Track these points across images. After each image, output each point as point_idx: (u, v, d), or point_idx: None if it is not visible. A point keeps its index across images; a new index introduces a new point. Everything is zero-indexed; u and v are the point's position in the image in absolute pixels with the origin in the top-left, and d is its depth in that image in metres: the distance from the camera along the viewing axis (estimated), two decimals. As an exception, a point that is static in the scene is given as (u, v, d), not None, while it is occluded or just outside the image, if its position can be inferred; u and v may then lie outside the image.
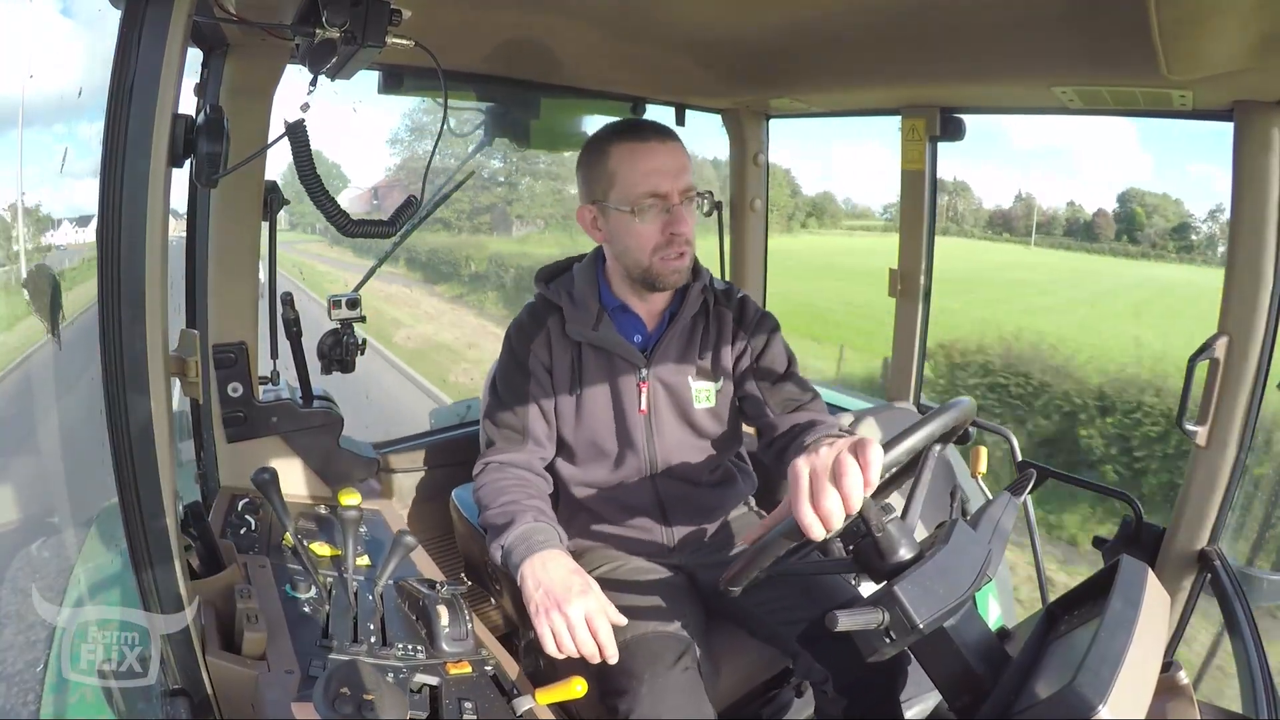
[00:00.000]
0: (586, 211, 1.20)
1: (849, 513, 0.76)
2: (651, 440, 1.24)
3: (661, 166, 1.12)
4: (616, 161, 1.14)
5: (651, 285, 1.19)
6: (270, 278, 1.39)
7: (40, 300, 0.88)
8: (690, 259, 1.18)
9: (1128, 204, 18.12)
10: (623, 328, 1.24)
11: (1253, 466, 1.32)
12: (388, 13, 0.79)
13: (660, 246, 1.14)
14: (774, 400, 1.22)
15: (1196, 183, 43.95)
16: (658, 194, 1.12)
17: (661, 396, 1.23)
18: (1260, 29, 0.87)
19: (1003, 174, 60.56)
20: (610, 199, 1.15)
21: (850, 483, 0.74)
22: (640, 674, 1.04)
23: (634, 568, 1.26)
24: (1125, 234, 16.73)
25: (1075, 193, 26.30)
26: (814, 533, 0.75)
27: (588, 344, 1.22)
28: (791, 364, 1.26)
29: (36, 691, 0.87)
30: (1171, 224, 14.75)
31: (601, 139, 1.18)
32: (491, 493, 1.15)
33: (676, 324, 1.23)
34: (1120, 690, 0.66)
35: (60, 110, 0.93)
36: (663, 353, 1.23)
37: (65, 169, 0.93)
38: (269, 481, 1.13)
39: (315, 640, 0.92)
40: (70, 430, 1.01)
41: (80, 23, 0.93)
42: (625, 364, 1.22)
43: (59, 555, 1.08)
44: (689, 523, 1.29)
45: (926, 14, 1.07)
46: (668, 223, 1.13)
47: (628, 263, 1.19)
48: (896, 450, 0.84)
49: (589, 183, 1.19)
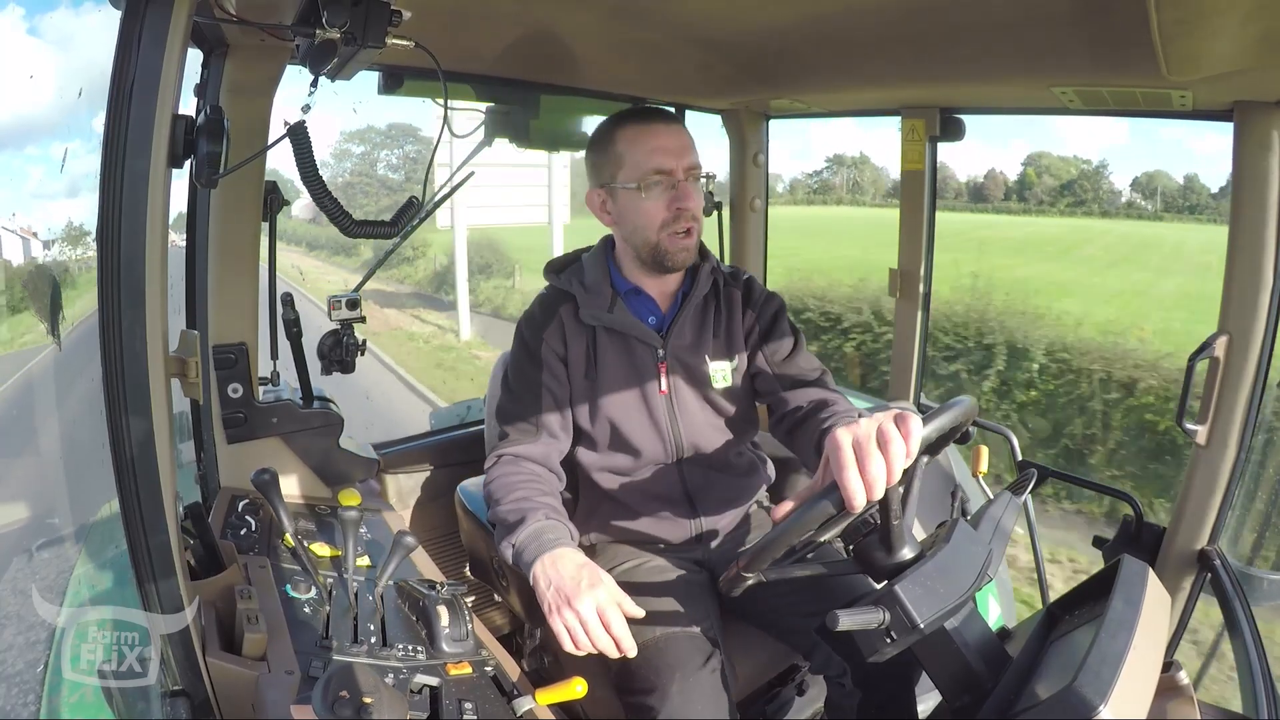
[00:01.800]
0: (596, 195, 1.23)
1: (891, 482, 0.76)
2: (675, 421, 1.24)
3: (666, 145, 1.16)
4: (624, 144, 1.17)
5: (661, 264, 1.20)
6: (270, 278, 1.39)
7: (40, 301, 0.89)
8: (697, 237, 1.20)
9: (1029, 167, 19.28)
10: (637, 310, 1.25)
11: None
12: (388, 13, 0.79)
13: (668, 223, 1.16)
14: (784, 376, 1.23)
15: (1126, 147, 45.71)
16: (663, 170, 1.15)
17: (681, 376, 1.24)
18: (1260, 29, 0.87)
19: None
20: (618, 179, 1.18)
21: (895, 450, 0.75)
22: (669, 675, 1.04)
23: (655, 566, 1.26)
24: (1015, 194, 17.61)
25: (997, 161, 27.58)
26: (857, 501, 0.75)
27: (603, 328, 1.22)
28: (799, 341, 1.27)
29: (37, 691, 0.87)
30: (1061, 182, 15.48)
31: (608, 125, 1.22)
32: (503, 487, 1.13)
33: (689, 304, 1.24)
34: (1121, 690, 0.66)
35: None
36: (679, 332, 1.24)
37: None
38: (269, 482, 1.13)
39: (315, 641, 0.92)
40: (71, 431, 1.01)
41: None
42: (642, 345, 1.23)
43: (59, 556, 1.08)
44: (715, 512, 1.29)
45: (926, 14, 1.07)
46: (674, 198, 1.15)
47: (637, 242, 1.20)
48: (932, 425, 0.83)
49: (597, 168, 1.22)
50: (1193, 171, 25.24)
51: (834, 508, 0.80)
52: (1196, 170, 25.78)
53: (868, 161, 36.55)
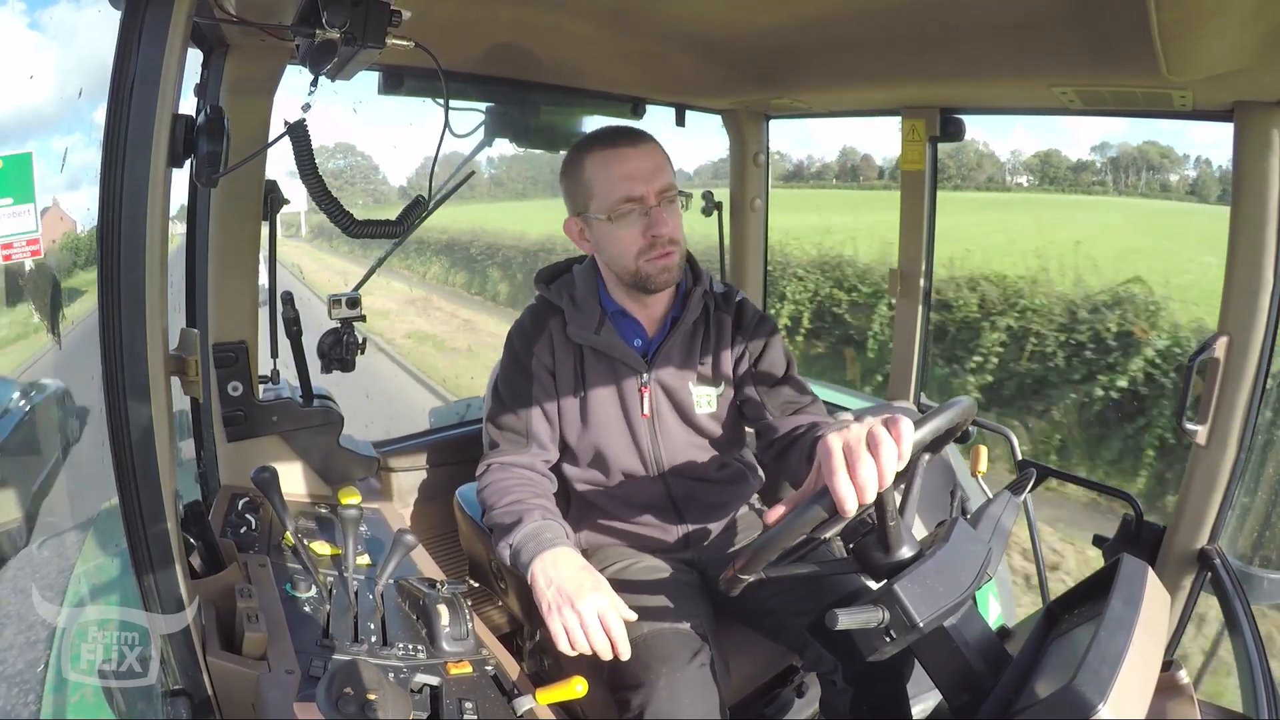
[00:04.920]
0: (573, 224, 1.21)
1: (882, 486, 0.75)
2: (656, 442, 1.24)
3: (633, 171, 1.12)
4: (591, 171, 1.15)
5: (644, 288, 1.18)
6: (270, 277, 1.39)
7: (40, 300, 0.89)
8: (679, 257, 1.18)
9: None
10: (624, 332, 1.24)
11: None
12: (387, 13, 0.79)
13: (644, 250, 1.14)
14: (773, 403, 1.23)
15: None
16: (632, 198, 1.12)
17: (663, 401, 1.24)
18: (1260, 29, 0.87)
19: (840, 131, 63.37)
20: (590, 209, 1.16)
21: (886, 453, 0.74)
22: (656, 670, 1.05)
23: (646, 566, 1.26)
24: (887, 173, 18.12)
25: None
26: (848, 505, 0.74)
27: (589, 347, 1.22)
28: (790, 367, 1.26)
29: (37, 691, 0.87)
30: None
31: (576, 151, 1.18)
32: (496, 492, 1.15)
33: (678, 330, 1.23)
34: (1120, 690, 0.66)
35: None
36: (664, 358, 1.23)
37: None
38: (269, 480, 1.13)
39: (316, 640, 0.92)
40: (71, 430, 1.01)
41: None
42: (626, 368, 1.23)
43: (59, 555, 1.08)
44: (701, 518, 1.29)
45: (926, 14, 1.07)
46: (647, 226, 1.13)
47: (617, 270, 1.19)
48: (928, 426, 0.83)
49: (571, 196, 1.20)
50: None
51: (825, 512, 0.80)
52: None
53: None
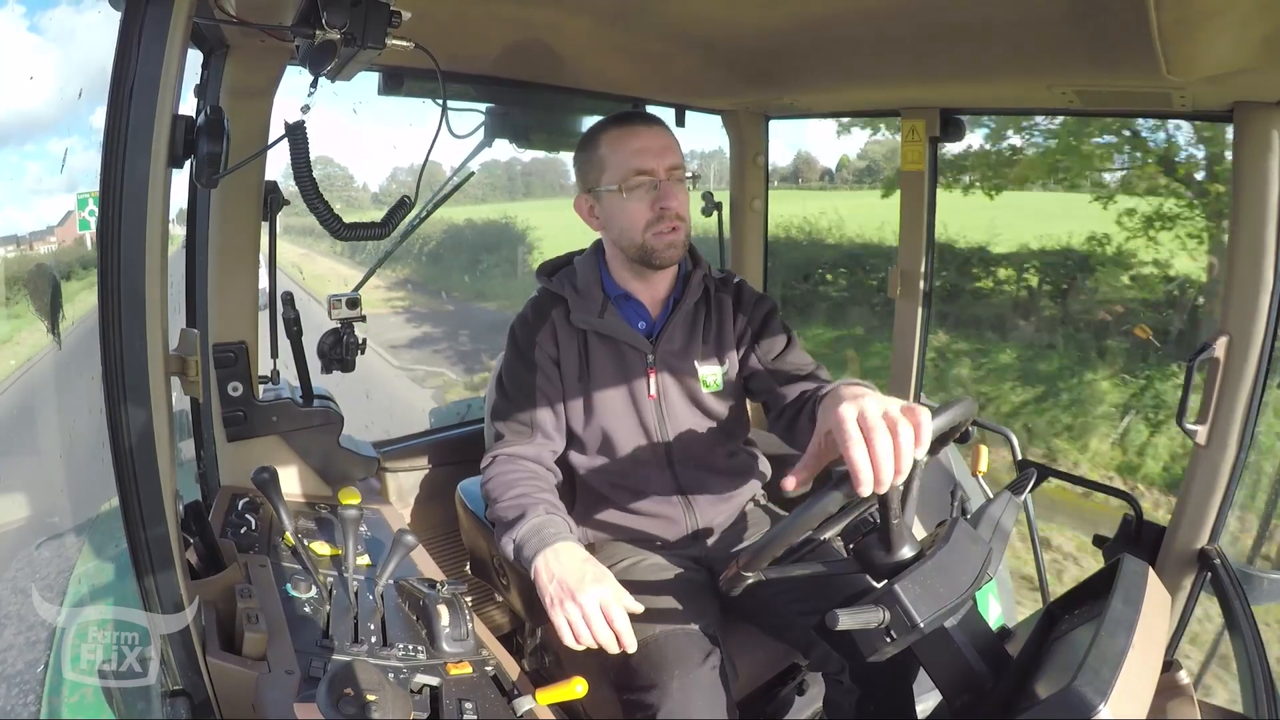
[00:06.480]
0: (584, 201, 1.25)
1: (899, 469, 0.72)
2: (664, 423, 1.25)
3: (647, 145, 1.17)
4: (606, 148, 1.20)
5: (649, 263, 1.20)
6: (270, 277, 1.39)
7: (40, 300, 0.89)
8: (684, 234, 1.21)
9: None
10: (627, 315, 1.26)
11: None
12: (387, 14, 0.79)
13: (652, 222, 1.17)
14: (778, 372, 1.24)
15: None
16: (644, 170, 1.16)
17: (669, 381, 1.25)
18: (1260, 29, 0.87)
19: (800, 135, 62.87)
20: (602, 183, 1.20)
21: (904, 435, 0.71)
22: (669, 672, 1.04)
23: (653, 564, 1.26)
24: (829, 175, 18.53)
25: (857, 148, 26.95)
26: (864, 476, 0.71)
27: (593, 332, 1.24)
28: (791, 338, 1.28)
29: (37, 691, 0.87)
30: (864, 165, 16.53)
31: (592, 131, 1.24)
32: (501, 485, 1.14)
33: (680, 310, 1.26)
34: (1121, 690, 0.66)
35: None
36: (668, 338, 1.25)
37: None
38: (269, 481, 1.13)
39: (316, 640, 0.92)
40: (71, 430, 1.01)
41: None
42: (632, 350, 1.24)
43: (59, 555, 1.08)
44: (710, 509, 1.30)
45: (926, 14, 1.08)
46: (656, 198, 1.17)
47: (624, 244, 1.21)
48: (940, 419, 0.80)
49: (583, 173, 1.24)
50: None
51: (844, 497, 0.79)
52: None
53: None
